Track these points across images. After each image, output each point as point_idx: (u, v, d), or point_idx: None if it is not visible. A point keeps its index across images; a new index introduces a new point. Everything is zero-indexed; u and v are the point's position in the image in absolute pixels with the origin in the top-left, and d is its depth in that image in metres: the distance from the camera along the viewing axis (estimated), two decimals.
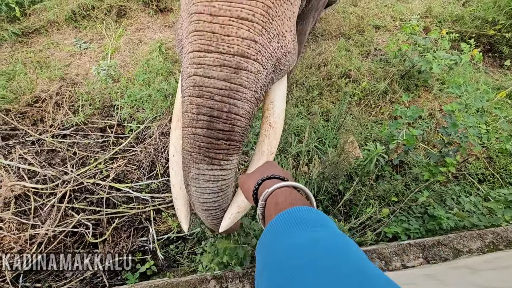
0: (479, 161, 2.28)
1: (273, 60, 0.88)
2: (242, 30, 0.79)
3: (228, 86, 0.82)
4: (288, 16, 0.88)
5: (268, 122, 1.03)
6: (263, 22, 0.80)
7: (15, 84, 2.74)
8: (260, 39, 0.81)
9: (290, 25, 0.91)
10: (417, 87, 2.84)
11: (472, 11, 3.45)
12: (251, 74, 0.83)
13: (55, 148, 2.42)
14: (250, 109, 0.87)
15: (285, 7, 0.85)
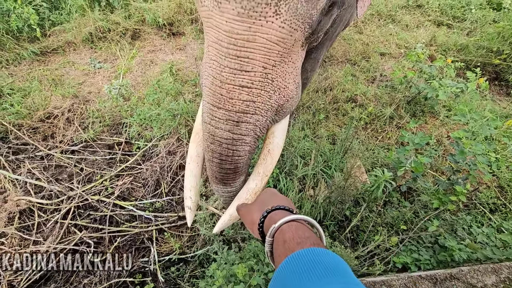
0: (489, 190, 2.23)
1: (273, 108, 1.07)
2: (242, 95, 0.99)
3: (231, 136, 1.05)
4: (290, 72, 1.04)
5: (267, 149, 1.21)
6: (261, 86, 0.99)
7: (30, 100, 2.83)
8: (259, 99, 1.01)
9: (293, 77, 1.07)
10: (423, 113, 2.85)
11: (477, 41, 3.52)
12: (250, 124, 1.05)
13: (63, 163, 2.45)
14: (250, 148, 1.12)
15: (286, 67, 1.01)
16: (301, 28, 0.91)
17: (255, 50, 0.92)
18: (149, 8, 3.76)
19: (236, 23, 0.87)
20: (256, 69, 0.96)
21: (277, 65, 0.98)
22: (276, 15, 0.85)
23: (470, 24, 3.94)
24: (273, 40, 0.91)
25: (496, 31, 3.48)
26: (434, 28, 4.03)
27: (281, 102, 1.08)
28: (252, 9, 0.83)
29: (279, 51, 0.95)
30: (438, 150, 2.47)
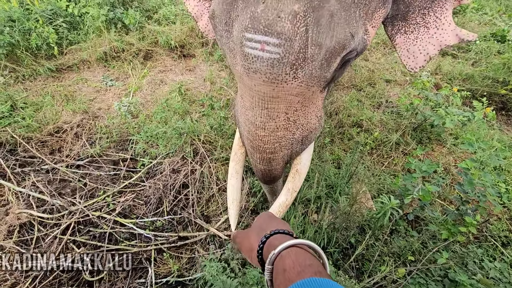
0: (501, 222, 2.15)
1: (298, 141, 1.28)
2: (271, 138, 1.21)
3: (267, 168, 1.34)
4: (311, 111, 1.22)
5: (296, 169, 1.40)
6: (285, 129, 1.19)
7: (41, 115, 2.90)
8: (283, 140, 1.23)
9: (314, 113, 1.25)
10: (430, 140, 2.83)
11: (482, 71, 3.56)
12: (279, 159, 1.30)
13: (68, 178, 2.46)
14: (282, 169, 1.39)
15: (307, 109, 1.19)
16: (317, 85, 1.06)
17: (279, 103, 1.10)
18: (162, 31, 3.93)
19: (263, 86, 1.03)
20: (280, 116, 1.14)
21: (298, 109, 1.16)
22: (295, 79, 1.00)
23: (475, 54, 4.00)
24: (293, 94, 1.07)
25: (501, 62, 3.52)
26: (439, 58, 4.10)
27: (305, 134, 1.28)
28: (276, 77, 0.99)
29: (299, 101, 1.12)
30: (446, 178, 2.42)
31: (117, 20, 3.87)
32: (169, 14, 4.11)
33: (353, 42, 0.97)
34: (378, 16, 1.07)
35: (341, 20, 0.92)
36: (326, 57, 0.96)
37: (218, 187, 2.38)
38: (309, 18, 0.90)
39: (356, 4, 0.96)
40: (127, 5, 4.01)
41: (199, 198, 2.34)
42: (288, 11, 0.89)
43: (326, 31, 0.92)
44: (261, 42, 0.93)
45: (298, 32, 0.90)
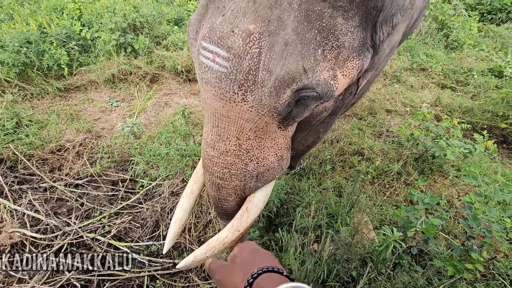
0: (508, 259, 2.07)
1: (251, 175, 1.22)
2: (220, 160, 1.17)
3: (217, 196, 1.29)
4: (269, 146, 1.19)
5: (246, 207, 1.30)
6: (236, 155, 1.15)
7: (45, 132, 2.93)
8: (233, 167, 1.18)
9: (273, 151, 1.22)
10: (432, 171, 2.81)
11: (481, 105, 3.62)
12: (229, 189, 1.25)
13: (65, 197, 2.43)
14: (236, 203, 1.32)
15: (263, 142, 1.16)
16: (268, 115, 1.02)
17: (229, 124, 1.07)
18: (170, 56, 4.07)
19: (214, 101, 1.02)
20: (231, 139, 1.11)
21: (251, 138, 1.12)
22: (244, 102, 0.97)
23: (474, 88, 4.09)
24: (244, 118, 1.04)
25: (500, 96, 3.59)
26: (438, 90, 4.20)
27: (261, 170, 1.23)
28: (224, 93, 0.97)
29: (251, 128, 1.08)
30: (450, 211, 2.37)
31: (127, 44, 4.03)
32: (177, 41, 4.29)
33: (305, 77, 0.94)
34: (352, 66, 1.04)
35: (295, 51, 0.91)
36: (275, 85, 0.93)
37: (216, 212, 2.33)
38: (264, 42, 0.89)
39: (319, 42, 0.93)
40: (138, 31, 4.20)
41: (197, 223, 2.29)
42: (242, 28, 0.89)
43: (278, 58, 0.90)
44: (213, 53, 0.93)
45: (250, 52, 0.89)
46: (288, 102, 1.00)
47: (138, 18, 4.12)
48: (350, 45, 0.99)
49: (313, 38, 0.92)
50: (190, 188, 1.44)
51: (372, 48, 1.10)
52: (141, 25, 4.19)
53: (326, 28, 0.92)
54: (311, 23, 0.90)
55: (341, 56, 0.99)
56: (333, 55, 0.97)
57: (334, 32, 0.93)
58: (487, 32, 5.83)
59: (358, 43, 1.01)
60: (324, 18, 0.91)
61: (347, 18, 0.94)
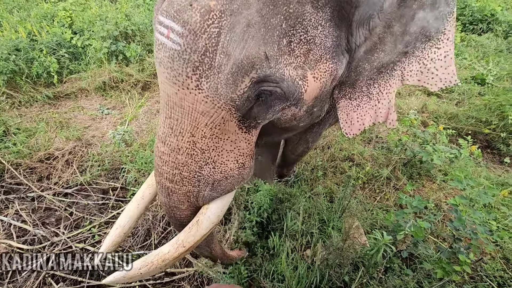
0: (495, 261, 2.13)
1: (206, 181, 1.09)
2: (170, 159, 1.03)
3: (168, 203, 1.14)
4: (228, 149, 1.05)
5: (197, 219, 1.15)
6: (189, 155, 1.01)
7: (33, 141, 2.88)
8: (186, 169, 1.04)
9: (233, 156, 1.08)
10: (420, 176, 2.88)
11: (466, 111, 3.75)
12: (181, 196, 1.10)
13: (53, 206, 2.38)
14: (190, 211, 1.17)
15: (221, 143, 1.03)
16: (225, 108, 0.91)
17: (183, 115, 0.95)
18: None
19: (167, 85, 0.91)
20: (184, 134, 0.98)
21: (207, 136, 0.99)
22: (198, 89, 0.88)
23: (458, 95, 4.24)
24: (198, 110, 0.92)
25: (482, 103, 3.73)
26: (424, 97, 4.32)
27: (217, 177, 1.09)
28: (175, 77, 0.87)
29: (206, 123, 0.95)
30: (438, 215, 2.43)
31: (118, 52, 4.03)
32: None
33: (266, 65, 0.84)
34: (324, 69, 0.94)
35: (258, 35, 0.81)
36: (233, 71, 0.83)
37: None
38: (225, 22, 0.80)
39: (285, 31, 0.84)
40: (129, 39, 4.21)
41: None
42: (202, 3, 0.80)
43: (238, 40, 0.81)
44: (168, 28, 0.83)
45: (208, 30, 0.80)
46: (247, 95, 0.89)
47: (130, 26, 4.13)
48: (321, 43, 0.89)
49: (278, 25, 0.82)
50: (142, 193, 1.31)
51: (347, 53, 1.01)
52: (132, 33, 4.20)
53: (293, 16, 0.83)
54: (277, 7, 0.81)
55: (311, 54, 0.89)
56: (302, 50, 0.88)
57: (303, 22, 0.84)
58: (469, 42, 6.07)
59: (332, 43, 0.91)
60: (292, 4, 0.82)
61: (317, 8, 0.84)
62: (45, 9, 4.81)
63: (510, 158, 3.19)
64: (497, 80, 4.44)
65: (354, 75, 1.08)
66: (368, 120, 1.16)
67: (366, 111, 1.14)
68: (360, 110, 1.14)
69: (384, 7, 0.95)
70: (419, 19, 1.01)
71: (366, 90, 1.12)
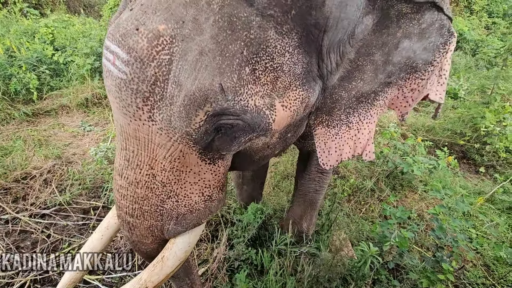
0: (476, 268, 2.19)
1: (170, 215, 1.00)
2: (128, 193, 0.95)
3: (131, 238, 1.05)
4: (192, 182, 0.96)
5: (162, 255, 1.05)
6: (148, 188, 0.93)
7: (9, 160, 2.75)
8: (146, 203, 0.95)
9: (198, 188, 0.99)
10: (402, 187, 2.97)
11: (441, 124, 3.94)
12: (145, 230, 1.01)
13: (30, 229, 2.26)
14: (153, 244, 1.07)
15: (184, 176, 0.94)
16: (182, 142, 0.83)
17: (139, 147, 0.87)
18: None
19: (119, 115, 0.84)
20: (142, 167, 0.89)
21: (167, 170, 0.90)
22: (151, 121, 0.80)
23: (434, 109, 4.46)
24: (155, 142, 0.84)
25: (456, 116, 3.95)
26: None
27: (181, 211, 1.00)
28: (125, 108, 0.79)
29: (165, 156, 0.87)
30: (421, 224, 2.49)
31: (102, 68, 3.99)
32: None
33: (222, 98, 0.75)
34: (294, 96, 0.86)
35: (212, 64, 0.73)
36: (185, 103, 0.75)
37: None
38: (176, 48, 0.72)
39: (247, 58, 0.75)
40: None
41: None
42: (150, 28, 0.72)
43: (190, 70, 0.73)
44: (114, 54, 0.76)
45: (157, 58, 0.72)
46: (204, 129, 0.81)
47: None
48: (290, 70, 0.82)
49: (238, 52, 0.74)
50: (107, 223, 1.20)
51: (320, 80, 0.93)
52: None
53: (255, 42, 0.74)
54: (236, 32, 0.73)
55: (280, 82, 0.82)
56: (269, 78, 0.80)
57: (267, 49, 0.76)
58: None
59: (302, 70, 0.84)
60: (252, 29, 0.73)
61: (281, 34, 0.76)
62: (25, 25, 4.74)
63: (484, 168, 3.36)
64: (468, 94, 4.73)
65: (330, 102, 1.01)
66: (347, 151, 1.08)
67: (345, 141, 1.06)
68: (339, 140, 1.06)
69: (356, 33, 0.88)
70: (404, 48, 0.94)
71: (345, 119, 1.04)
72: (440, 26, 0.92)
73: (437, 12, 0.90)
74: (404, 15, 0.89)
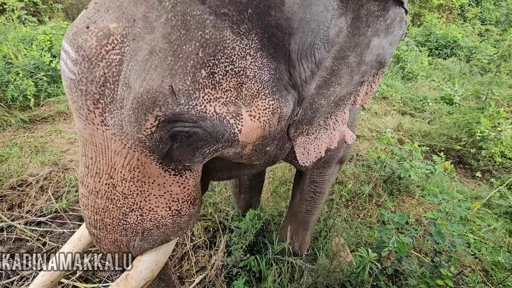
0: (475, 273, 2.19)
1: (135, 230, 0.94)
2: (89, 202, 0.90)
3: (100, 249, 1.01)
4: (157, 194, 0.90)
5: (126, 274, 1.00)
6: (108, 199, 0.87)
7: (5, 167, 2.73)
8: (107, 215, 0.90)
9: (164, 202, 0.92)
10: (400, 192, 2.98)
11: (437, 129, 3.98)
12: (110, 244, 0.96)
13: (25, 236, 2.23)
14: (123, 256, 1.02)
15: (146, 187, 0.87)
16: (136, 149, 0.77)
17: (97, 153, 0.81)
18: None
19: (75, 118, 0.79)
20: (101, 175, 0.84)
21: (128, 179, 0.84)
22: (104, 125, 0.75)
23: (430, 114, 4.51)
24: (111, 149, 0.79)
25: (452, 121, 3.99)
26: (399, 116, 4.57)
27: (147, 226, 0.93)
28: (78, 110, 0.75)
29: (123, 165, 0.81)
30: (419, 229, 2.50)
31: None
32: None
33: (173, 102, 0.69)
34: (263, 106, 0.79)
35: (163, 64, 0.68)
36: (134, 107, 0.70)
37: (192, 244, 2.25)
38: (127, 47, 0.68)
39: (203, 60, 0.69)
40: None
41: (172, 256, 2.18)
42: (100, 26, 0.68)
43: (139, 71, 0.68)
44: (66, 53, 0.72)
45: (106, 57, 0.68)
46: (158, 136, 0.74)
47: None
48: (256, 76, 0.75)
49: (193, 52, 0.68)
50: (80, 234, 1.14)
51: (294, 89, 0.86)
52: None
53: (211, 42, 0.68)
54: (190, 31, 0.67)
55: (245, 88, 0.76)
56: (231, 84, 0.74)
57: (225, 51, 0.70)
58: (436, 65, 6.57)
59: (269, 76, 0.77)
60: (207, 28, 0.68)
61: (239, 34, 0.70)
62: (23, 32, 4.75)
63: (481, 173, 3.38)
64: (463, 100, 4.80)
65: (310, 112, 0.96)
66: (324, 147, 1.08)
67: (323, 141, 1.06)
68: (317, 142, 1.05)
69: (330, 36, 0.81)
70: (375, 46, 0.92)
71: (323, 123, 1.02)
72: (400, 19, 0.92)
73: (398, 7, 0.90)
74: (372, 14, 0.86)
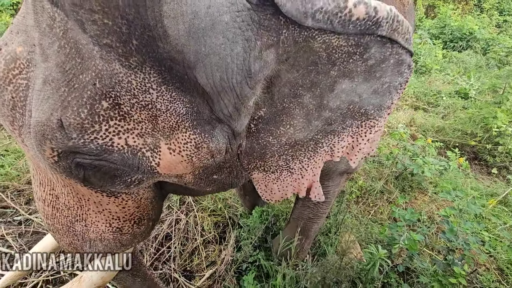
0: (489, 272, 2.13)
1: (83, 238, 0.94)
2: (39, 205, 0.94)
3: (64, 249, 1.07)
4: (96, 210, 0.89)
5: (81, 275, 1.06)
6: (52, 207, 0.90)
7: (22, 162, 2.82)
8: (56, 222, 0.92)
9: (105, 220, 0.91)
10: (412, 188, 2.92)
11: (451, 124, 3.87)
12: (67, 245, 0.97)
13: (42, 230, 2.31)
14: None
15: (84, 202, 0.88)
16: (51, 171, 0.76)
17: (35, 166, 0.84)
18: None
19: None
20: (44, 185, 0.88)
21: (65, 193, 0.85)
22: (25, 145, 0.74)
23: (443, 109, 4.39)
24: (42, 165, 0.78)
25: (467, 116, 3.87)
26: (412, 111, 4.46)
27: (91, 236, 0.93)
28: (6, 127, 0.74)
29: (58, 179, 0.82)
30: (431, 227, 2.45)
31: None
32: None
33: (63, 137, 0.65)
34: (184, 139, 0.72)
35: (55, 95, 0.62)
36: (32, 136, 0.68)
37: (202, 239, 2.28)
38: (32, 73, 0.65)
39: (102, 91, 0.63)
40: None
41: (182, 250, 2.22)
42: (9, 50, 0.66)
43: (36, 100, 0.65)
44: None
45: (14, 82, 0.66)
46: (63, 165, 0.71)
47: None
48: (169, 109, 0.67)
49: (90, 83, 0.62)
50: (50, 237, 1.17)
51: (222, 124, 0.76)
52: None
53: (105, 74, 0.62)
54: (85, 60, 0.61)
55: (161, 120, 0.69)
56: (143, 116, 0.67)
57: (121, 84, 0.63)
58: (450, 58, 6.37)
59: (185, 110, 0.69)
60: (96, 59, 0.61)
61: (130, 67, 0.61)
62: None
63: (497, 169, 3.28)
64: (479, 94, 4.64)
65: (258, 147, 0.88)
66: (291, 191, 0.99)
67: (288, 183, 0.96)
68: (281, 183, 0.96)
69: (253, 71, 0.68)
70: (343, 91, 0.77)
71: (284, 165, 0.92)
72: (397, 62, 0.75)
73: (390, 45, 0.72)
74: (338, 49, 0.70)
